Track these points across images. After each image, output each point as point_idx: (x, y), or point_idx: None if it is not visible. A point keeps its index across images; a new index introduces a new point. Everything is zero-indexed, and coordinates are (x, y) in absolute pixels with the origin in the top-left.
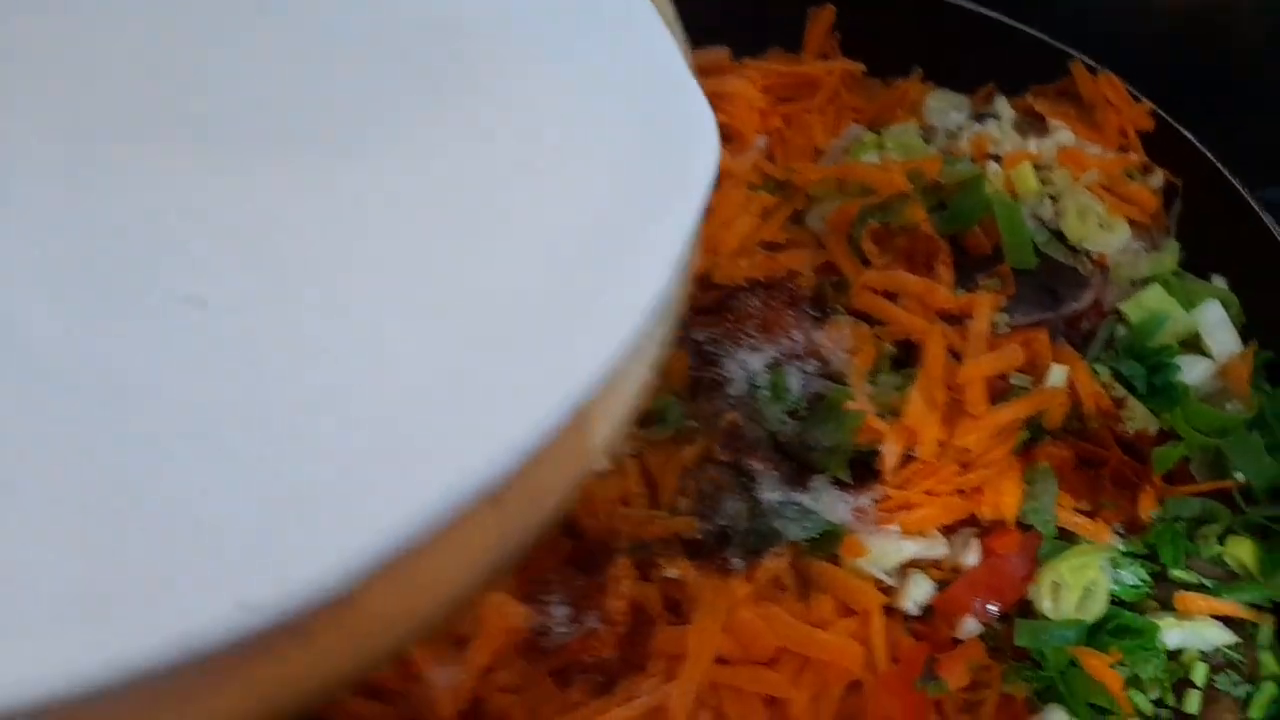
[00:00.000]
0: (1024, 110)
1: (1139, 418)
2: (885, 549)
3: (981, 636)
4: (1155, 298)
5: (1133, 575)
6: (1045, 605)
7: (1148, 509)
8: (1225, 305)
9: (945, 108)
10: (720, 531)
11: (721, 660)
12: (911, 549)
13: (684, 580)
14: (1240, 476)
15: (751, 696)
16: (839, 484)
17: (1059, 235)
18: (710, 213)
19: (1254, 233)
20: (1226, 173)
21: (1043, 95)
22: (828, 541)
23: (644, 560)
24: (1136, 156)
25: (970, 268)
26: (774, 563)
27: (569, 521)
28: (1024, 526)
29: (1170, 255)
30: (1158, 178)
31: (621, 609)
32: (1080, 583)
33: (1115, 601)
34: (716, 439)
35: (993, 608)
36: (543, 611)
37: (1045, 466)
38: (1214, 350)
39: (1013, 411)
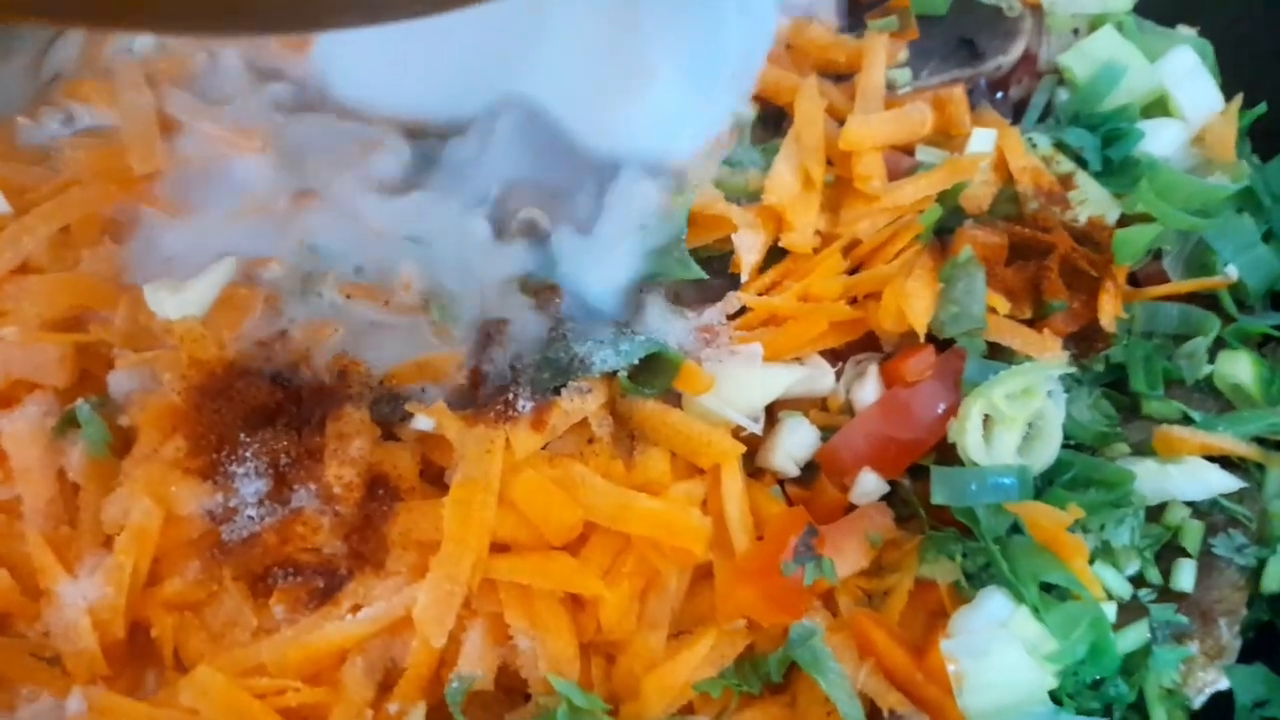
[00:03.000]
0: None
1: (1093, 200)
2: (744, 382)
3: (887, 500)
4: (1107, 45)
5: (1090, 408)
6: (973, 449)
7: (1111, 314)
8: (1200, 54)
9: None
10: (506, 369)
11: (500, 546)
12: (783, 380)
13: (444, 434)
14: (1232, 272)
15: (544, 597)
16: (677, 298)
17: None
18: None
19: None
20: None
21: None
22: (658, 371)
23: (389, 413)
24: None
25: (860, 13)
26: (578, 402)
27: (277, 362)
28: (941, 343)
29: None
30: None
31: (349, 480)
32: (1022, 415)
33: (1069, 445)
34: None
35: (901, 458)
36: (226, 488)
37: (969, 255)
38: (1186, 110)
39: (919, 187)
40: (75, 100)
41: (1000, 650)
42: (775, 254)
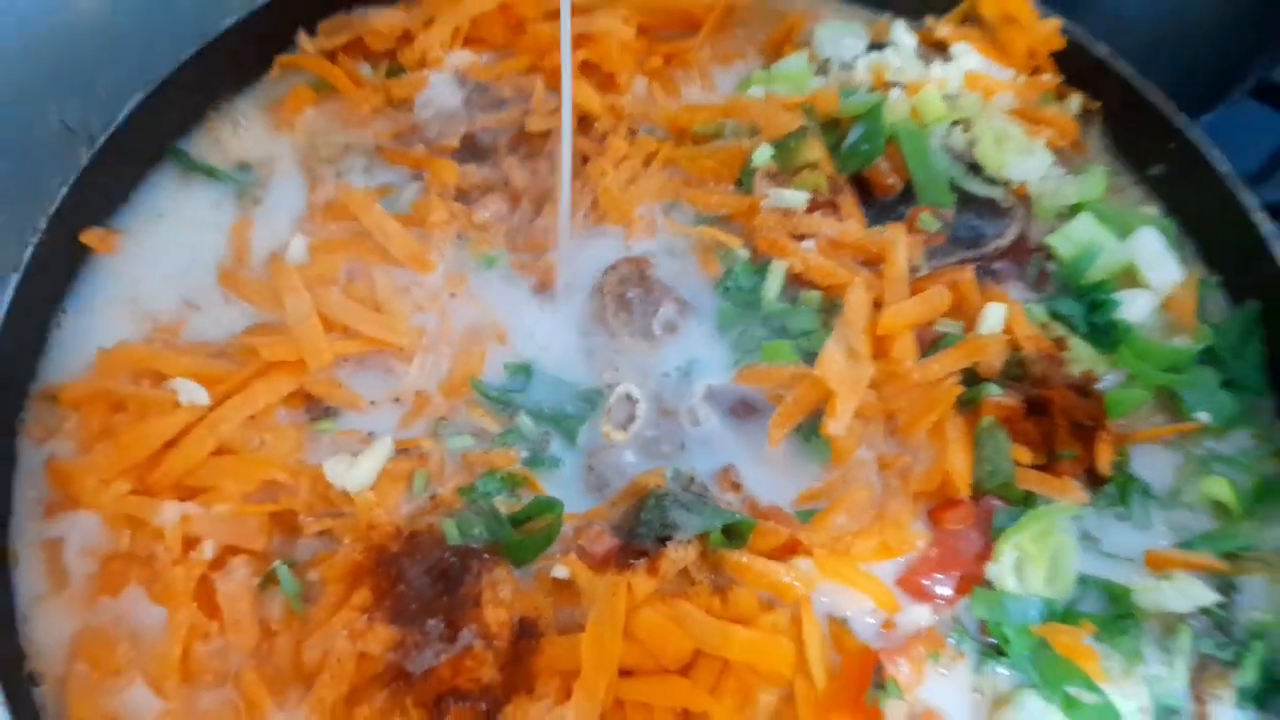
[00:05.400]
0: (925, 41)
1: (1084, 358)
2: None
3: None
4: (1085, 228)
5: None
6: (1009, 585)
7: (1107, 460)
8: (1163, 232)
9: (838, 37)
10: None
11: (625, 672)
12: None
13: (575, 581)
14: (1203, 417)
15: (665, 713)
16: None
17: (974, 167)
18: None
19: (1184, 153)
20: (1148, 91)
21: (946, 22)
22: (737, 533)
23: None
24: (1051, 78)
25: (880, 209)
26: (681, 553)
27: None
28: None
29: (1098, 180)
30: (1075, 102)
31: (502, 620)
32: (1044, 552)
33: None
34: None
35: (945, 590)
36: (407, 631)
37: (993, 421)
38: (1153, 281)
39: (945, 364)
40: (233, 292)
41: None
42: None
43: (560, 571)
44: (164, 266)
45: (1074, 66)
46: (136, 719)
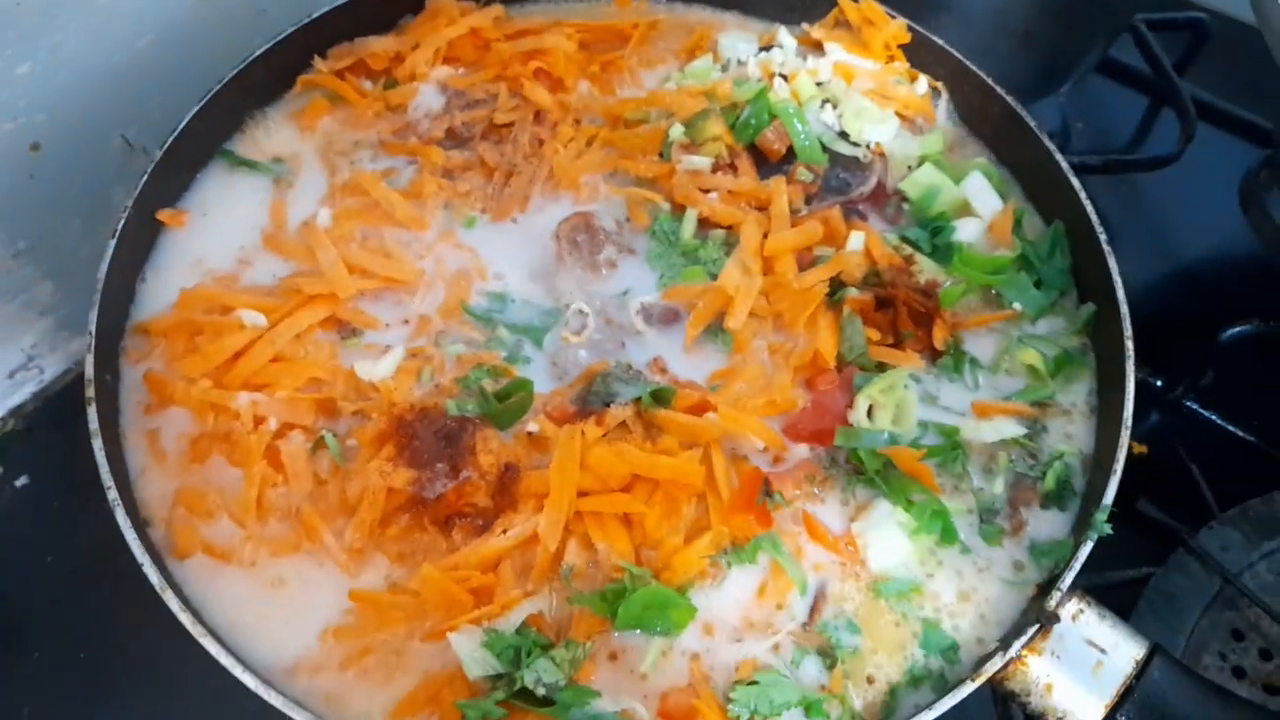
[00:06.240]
0: (806, 43)
1: (928, 270)
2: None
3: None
4: (928, 175)
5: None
6: (862, 423)
7: (941, 338)
8: (988, 176)
9: (735, 43)
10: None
11: (583, 493)
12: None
13: (544, 433)
14: (1017, 307)
15: (610, 519)
16: None
17: (843, 135)
18: None
19: (1006, 116)
20: (977, 71)
21: (820, 27)
22: (663, 398)
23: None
24: (903, 65)
25: (770, 169)
26: (620, 411)
27: (440, 403)
28: (840, 367)
29: (936, 138)
30: (923, 82)
31: (492, 463)
32: (891, 401)
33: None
34: None
35: (823, 434)
36: (422, 471)
37: (851, 312)
38: (981, 211)
39: (817, 275)
40: (275, 252)
41: (886, 525)
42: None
43: (533, 427)
44: (220, 236)
45: (921, 56)
46: (225, 544)
